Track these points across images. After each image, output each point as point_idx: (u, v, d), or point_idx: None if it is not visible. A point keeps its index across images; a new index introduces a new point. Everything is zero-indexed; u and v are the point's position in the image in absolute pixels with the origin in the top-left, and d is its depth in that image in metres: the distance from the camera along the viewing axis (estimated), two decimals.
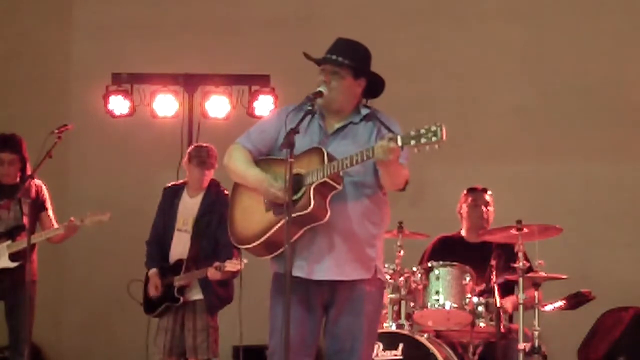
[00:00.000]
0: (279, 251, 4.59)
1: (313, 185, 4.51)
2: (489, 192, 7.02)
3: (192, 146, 7.16)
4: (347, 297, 4.67)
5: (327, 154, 4.54)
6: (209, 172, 6.89)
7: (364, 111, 4.75)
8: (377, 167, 4.58)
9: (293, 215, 4.45)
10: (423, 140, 4.29)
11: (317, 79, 4.70)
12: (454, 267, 6.49)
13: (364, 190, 4.66)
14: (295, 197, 4.52)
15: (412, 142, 4.31)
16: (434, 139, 4.27)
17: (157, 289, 6.87)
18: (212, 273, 6.66)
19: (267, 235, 4.60)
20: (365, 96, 4.79)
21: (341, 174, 4.55)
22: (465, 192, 7.08)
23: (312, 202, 4.48)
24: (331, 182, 4.51)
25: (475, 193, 7.00)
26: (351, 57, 4.67)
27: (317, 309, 4.70)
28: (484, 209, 6.94)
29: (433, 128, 4.29)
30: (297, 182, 4.54)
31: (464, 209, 7.02)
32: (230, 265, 6.59)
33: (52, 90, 9.65)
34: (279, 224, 4.53)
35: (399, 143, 4.33)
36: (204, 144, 7.04)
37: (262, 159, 4.76)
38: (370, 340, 4.81)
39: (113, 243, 8.95)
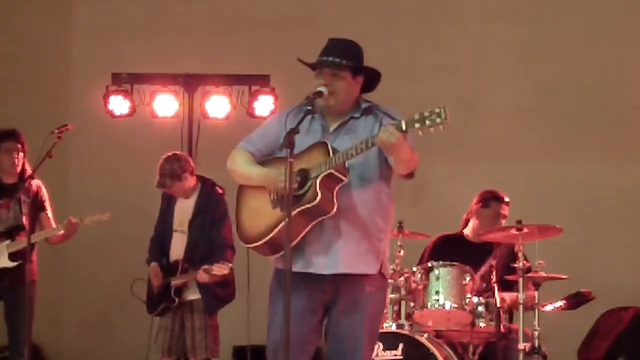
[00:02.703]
0: (284, 251, 4.55)
1: (319, 178, 4.50)
2: (507, 200, 6.97)
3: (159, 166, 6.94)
4: (351, 297, 4.66)
5: (331, 146, 4.54)
6: (182, 183, 6.86)
7: (364, 105, 4.75)
8: (379, 159, 4.59)
9: (300, 208, 4.47)
10: (428, 122, 4.29)
11: (315, 82, 4.68)
12: (454, 267, 6.47)
13: (370, 184, 4.65)
14: (301, 192, 4.52)
15: (417, 125, 4.31)
16: (438, 120, 4.28)
17: (158, 276, 6.86)
18: (201, 276, 6.67)
19: (274, 232, 4.59)
20: (362, 91, 4.78)
21: (347, 165, 4.54)
22: (489, 195, 6.92)
23: (319, 195, 4.47)
24: (337, 174, 4.51)
25: (501, 204, 6.86)
26: (348, 57, 4.67)
27: (318, 309, 4.69)
28: (503, 221, 6.88)
29: (437, 110, 4.29)
30: (303, 177, 4.55)
31: (484, 212, 6.89)
32: (218, 269, 6.60)
33: (52, 90, 9.65)
34: (285, 221, 4.47)
35: (404, 127, 4.34)
36: (164, 163, 6.89)
37: (266, 159, 4.76)
38: (371, 342, 4.80)
39: (113, 243, 8.96)
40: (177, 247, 6.92)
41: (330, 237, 4.59)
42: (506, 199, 6.90)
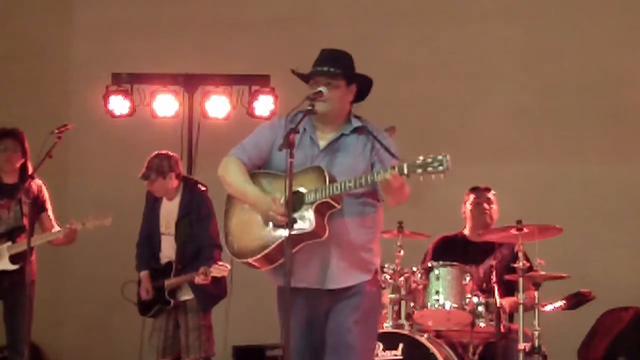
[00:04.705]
0: (275, 264, 4.64)
1: (314, 205, 4.56)
2: (492, 192, 7.01)
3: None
4: (347, 296, 4.72)
5: (329, 173, 4.59)
6: (165, 182, 6.89)
7: (355, 122, 4.79)
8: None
9: (293, 233, 4.51)
10: (429, 169, 4.42)
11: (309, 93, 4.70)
12: (454, 267, 6.48)
13: (358, 199, 4.71)
14: (295, 215, 4.56)
15: (419, 171, 4.43)
16: (440, 168, 4.41)
17: (148, 292, 6.91)
18: (199, 279, 6.68)
19: (266, 251, 4.64)
20: (353, 101, 4.82)
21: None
22: (467, 191, 7.06)
23: (314, 222, 4.54)
24: (332, 202, 4.57)
25: (478, 192, 7.00)
26: (342, 66, 4.71)
27: (321, 317, 4.76)
28: (486, 206, 6.92)
29: (439, 157, 4.41)
30: (297, 200, 4.58)
31: (468, 207, 6.99)
32: (216, 271, 6.65)
33: (52, 90, 9.66)
34: (278, 241, 4.57)
35: (405, 171, 4.44)
36: (153, 157, 6.95)
37: (262, 173, 4.78)
38: (367, 334, 4.81)
39: (113, 243, 8.91)
40: (167, 250, 6.95)
41: (319, 255, 4.65)
42: (484, 187, 6.97)
